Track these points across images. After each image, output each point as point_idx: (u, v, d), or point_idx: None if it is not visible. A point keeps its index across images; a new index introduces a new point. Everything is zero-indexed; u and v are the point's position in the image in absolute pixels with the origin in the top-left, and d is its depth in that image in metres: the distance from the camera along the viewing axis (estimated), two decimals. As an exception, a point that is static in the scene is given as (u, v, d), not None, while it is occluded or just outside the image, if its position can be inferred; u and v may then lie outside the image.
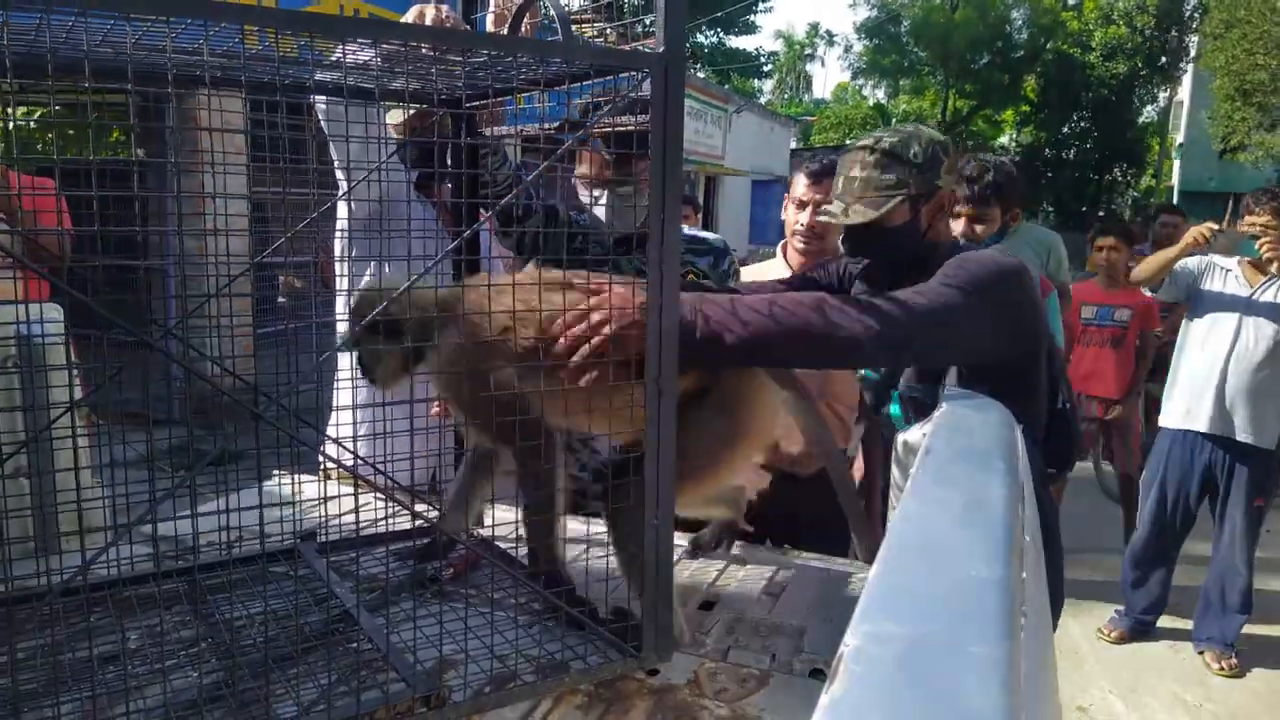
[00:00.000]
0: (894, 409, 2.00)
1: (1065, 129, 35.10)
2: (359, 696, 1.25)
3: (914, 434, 1.17)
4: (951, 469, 0.92)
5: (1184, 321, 4.13)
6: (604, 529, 1.52)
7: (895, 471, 1.22)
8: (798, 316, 1.47)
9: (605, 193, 2.17)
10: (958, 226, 3.26)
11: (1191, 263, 3.96)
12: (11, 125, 1.30)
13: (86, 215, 1.07)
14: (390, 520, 1.70)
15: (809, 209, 2.51)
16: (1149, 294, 4.49)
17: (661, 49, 1.27)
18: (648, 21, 1.48)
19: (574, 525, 1.73)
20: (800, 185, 2.55)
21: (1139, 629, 4.29)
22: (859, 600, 0.65)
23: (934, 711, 0.53)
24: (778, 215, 2.83)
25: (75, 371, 1.58)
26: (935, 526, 0.79)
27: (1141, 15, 31.28)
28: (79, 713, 1.17)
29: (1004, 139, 37.08)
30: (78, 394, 1.53)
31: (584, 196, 2.26)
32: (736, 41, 30.84)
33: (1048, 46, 32.87)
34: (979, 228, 3.31)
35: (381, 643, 1.39)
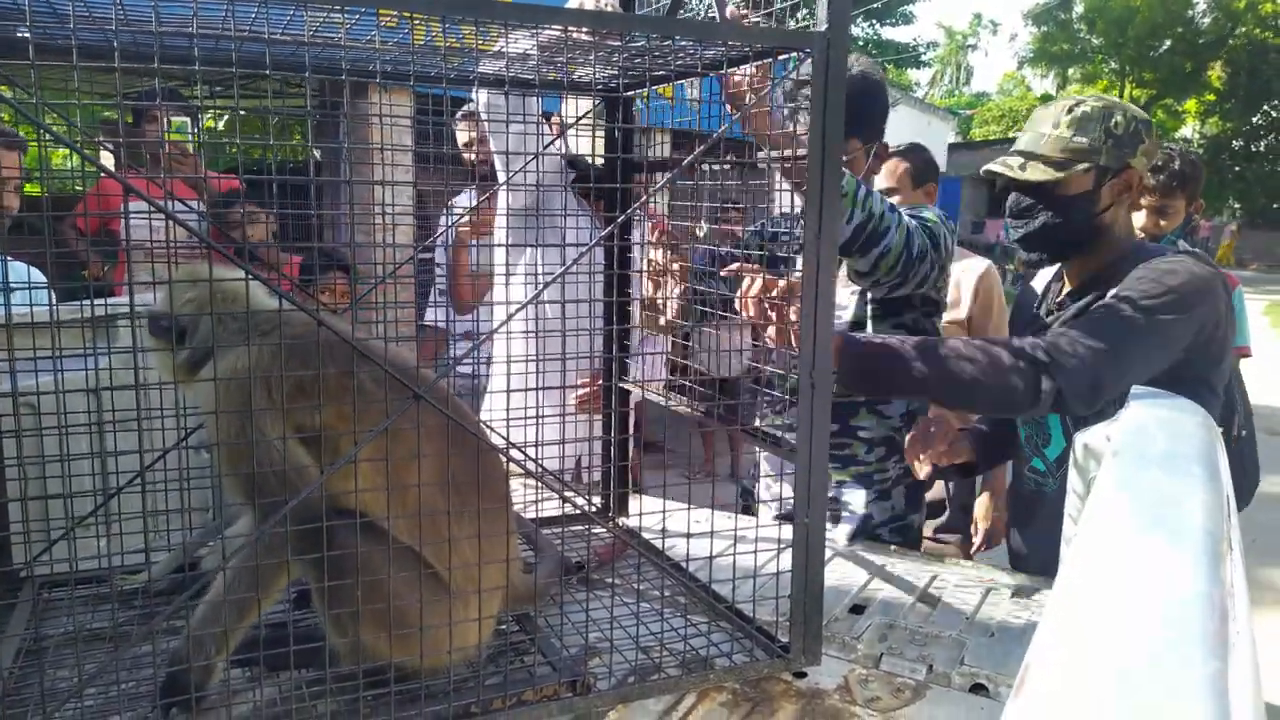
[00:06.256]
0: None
1: (1255, 119, 32.41)
2: (506, 677, 1.27)
3: (1095, 436, 1.08)
4: (1144, 474, 0.84)
5: None
6: (752, 523, 1.48)
7: (1073, 477, 1.13)
8: (976, 366, 1.49)
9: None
10: (1139, 219, 3.01)
11: None
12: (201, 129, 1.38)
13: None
14: (539, 505, 1.72)
15: None
16: None
17: (824, 27, 1.22)
18: (799, 15, 1.44)
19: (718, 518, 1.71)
20: None
21: None
22: (1044, 615, 0.59)
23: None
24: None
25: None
26: (1127, 538, 0.72)
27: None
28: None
29: (1185, 130, 34.52)
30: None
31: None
32: (892, 33, 29.85)
33: (1236, 31, 30.38)
34: (1163, 221, 3.04)
35: (529, 627, 1.41)
